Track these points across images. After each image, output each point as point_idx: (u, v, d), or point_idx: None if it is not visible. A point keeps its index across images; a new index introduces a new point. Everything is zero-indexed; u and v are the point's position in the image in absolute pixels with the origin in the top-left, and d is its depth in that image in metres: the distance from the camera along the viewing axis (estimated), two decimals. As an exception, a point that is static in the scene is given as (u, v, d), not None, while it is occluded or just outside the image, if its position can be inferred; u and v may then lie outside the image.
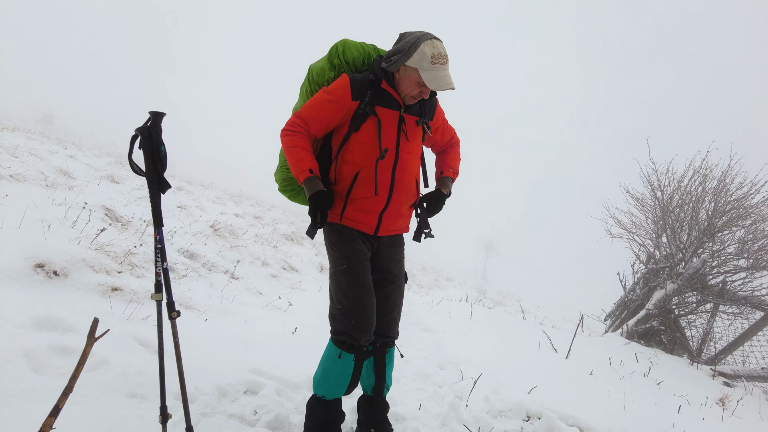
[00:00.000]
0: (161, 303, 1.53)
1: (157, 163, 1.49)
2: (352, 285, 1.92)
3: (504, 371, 3.58)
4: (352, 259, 1.96)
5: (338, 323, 1.92)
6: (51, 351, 2.02)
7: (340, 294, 1.94)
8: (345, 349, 1.92)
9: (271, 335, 3.59)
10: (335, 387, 1.94)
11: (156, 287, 1.51)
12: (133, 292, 3.11)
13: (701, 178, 7.58)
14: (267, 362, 2.80)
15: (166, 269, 1.49)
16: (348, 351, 1.92)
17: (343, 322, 1.90)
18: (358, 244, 1.99)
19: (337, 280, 1.96)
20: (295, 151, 1.91)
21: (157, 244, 1.45)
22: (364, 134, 1.95)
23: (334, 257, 2.00)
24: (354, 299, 1.90)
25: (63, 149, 8.51)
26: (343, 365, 1.92)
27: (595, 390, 3.49)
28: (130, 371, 2.03)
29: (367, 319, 1.92)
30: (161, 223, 1.50)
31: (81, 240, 3.47)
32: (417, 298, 7.67)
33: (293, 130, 1.95)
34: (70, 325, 2.33)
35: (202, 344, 2.83)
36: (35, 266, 2.81)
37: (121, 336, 2.41)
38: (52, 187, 4.89)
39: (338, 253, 1.99)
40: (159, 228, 1.47)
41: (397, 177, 2.00)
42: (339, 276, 1.95)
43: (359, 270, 1.95)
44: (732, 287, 7.11)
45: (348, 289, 1.92)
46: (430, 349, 4.23)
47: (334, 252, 2.01)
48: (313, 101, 1.96)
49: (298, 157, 1.90)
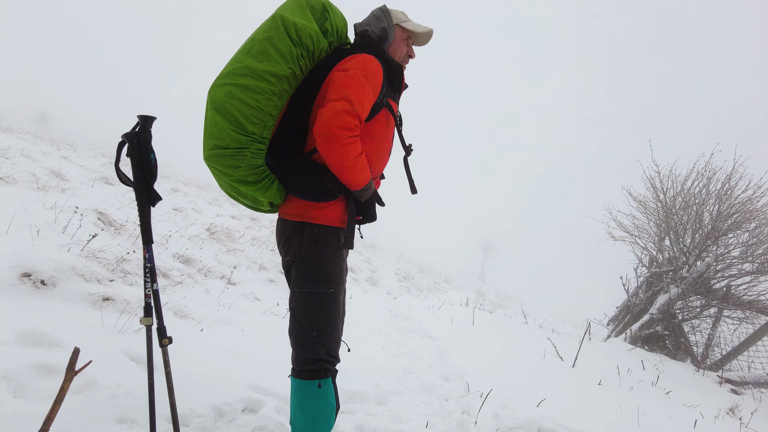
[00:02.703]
0: (151, 328, 1.39)
1: (146, 173, 1.35)
2: (335, 312, 1.71)
3: (511, 382, 3.47)
4: (340, 282, 1.74)
5: (309, 352, 1.68)
6: (34, 371, 1.88)
7: (321, 320, 1.68)
8: (322, 376, 1.69)
9: (270, 345, 3.46)
10: (326, 424, 1.71)
11: (145, 310, 1.37)
12: (126, 301, 2.97)
13: (705, 180, 7.48)
14: (266, 376, 2.68)
15: (156, 291, 1.35)
16: (325, 377, 1.70)
17: (317, 350, 1.68)
18: (345, 262, 1.79)
19: (319, 305, 1.68)
20: (362, 161, 1.62)
21: (147, 263, 1.31)
22: (376, 126, 1.76)
23: (320, 276, 1.68)
24: (334, 327, 1.71)
25: (56, 150, 8.35)
26: (325, 395, 1.69)
27: (605, 402, 3.37)
28: (120, 393, 1.90)
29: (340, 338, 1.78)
30: (151, 239, 1.36)
31: (71, 246, 3.33)
32: (417, 303, 7.55)
33: (356, 135, 1.58)
34: (57, 340, 2.19)
35: (198, 357, 2.70)
36: (21, 275, 2.67)
37: (111, 351, 2.28)
38: (43, 190, 4.74)
39: (329, 273, 1.70)
40: (148, 245, 1.33)
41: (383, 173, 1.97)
42: (321, 300, 1.68)
43: (342, 296, 1.77)
44: (737, 291, 7.01)
45: (332, 316, 1.70)
46: (434, 357, 4.11)
47: (324, 269, 1.69)
48: (360, 89, 1.59)
49: (365, 166, 1.65)
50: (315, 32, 1.62)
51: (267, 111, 1.55)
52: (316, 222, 1.69)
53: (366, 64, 1.64)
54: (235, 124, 1.53)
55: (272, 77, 1.54)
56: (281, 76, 1.56)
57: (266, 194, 1.69)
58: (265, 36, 1.57)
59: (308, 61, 1.65)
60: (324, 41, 1.67)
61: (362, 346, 3.97)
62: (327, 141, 1.53)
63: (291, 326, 1.74)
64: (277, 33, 1.57)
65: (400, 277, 11.50)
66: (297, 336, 1.70)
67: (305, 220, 1.70)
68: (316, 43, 1.64)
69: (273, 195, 1.71)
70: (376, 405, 2.75)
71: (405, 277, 11.79)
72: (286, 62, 1.57)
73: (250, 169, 1.60)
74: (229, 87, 1.54)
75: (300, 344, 1.69)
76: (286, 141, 1.68)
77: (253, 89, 1.52)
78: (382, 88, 1.71)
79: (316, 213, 1.69)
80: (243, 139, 1.55)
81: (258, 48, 1.57)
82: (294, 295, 1.73)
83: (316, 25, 1.63)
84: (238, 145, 1.55)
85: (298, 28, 1.58)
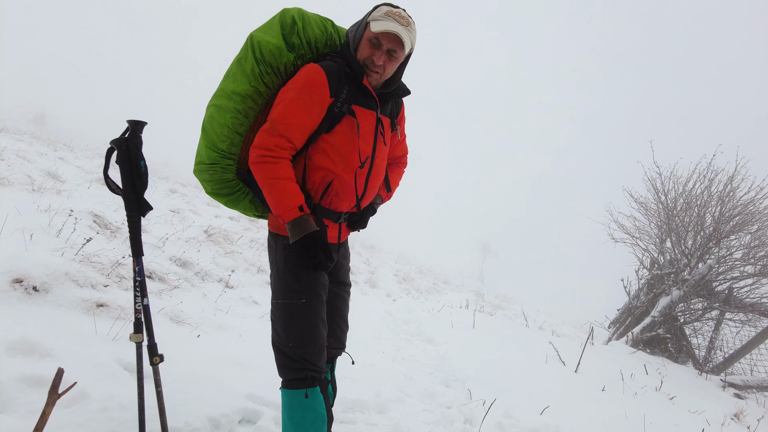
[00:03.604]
0: (141, 345, 1.32)
1: (136, 181, 1.28)
2: (310, 322, 1.65)
3: (513, 389, 3.40)
4: (313, 291, 1.67)
5: (291, 361, 1.64)
6: (23, 383, 1.82)
7: (295, 331, 1.63)
8: (308, 385, 1.63)
9: (268, 351, 3.35)
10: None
11: (135, 326, 1.31)
12: (120, 307, 2.90)
13: (707, 182, 7.44)
14: (264, 384, 2.61)
15: (146, 306, 1.29)
16: (312, 385, 1.64)
17: (297, 360, 1.63)
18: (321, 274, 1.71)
19: (292, 317, 1.64)
20: (279, 185, 1.53)
21: (137, 277, 1.25)
22: (338, 137, 1.66)
23: (290, 286, 1.65)
24: (311, 337, 1.64)
25: (53, 151, 8.28)
26: (313, 405, 1.63)
27: (610, 409, 3.32)
28: (112, 406, 1.83)
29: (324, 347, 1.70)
30: (141, 251, 1.29)
31: (65, 251, 3.26)
32: (417, 305, 7.49)
33: (276, 157, 1.54)
34: (48, 349, 2.12)
35: (194, 366, 2.63)
36: (13, 281, 2.60)
37: (104, 361, 2.21)
38: (38, 192, 4.67)
39: (297, 283, 1.65)
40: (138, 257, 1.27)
41: (369, 186, 1.79)
42: (294, 311, 1.64)
43: (318, 306, 1.68)
44: (739, 294, 6.97)
45: (307, 327, 1.64)
46: (434, 363, 4.05)
47: (291, 280, 1.66)
48: (287, 107, 1.56)
49: (284, 192, 1.53)
50: (276, 47, 1.63)
51: (233, 129, 1.63)
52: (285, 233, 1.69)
53: (301, 76, 1.62)
54: (210, 142, 1.67)
55: (236, 96, 1.62)
56: (244, 94, 1.62)
57: (239, 206, 1.80)
58: (237, 57, 1.66)
59: (275, 77, 1.67)
60: (289, 55, 1.65)
61: (362, 351, 3.91)
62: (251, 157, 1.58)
63: (272, 337, 1.73)
64: (245, 53, 1.64)
65: (400, 279, 11.44)
66: (278, 347, 1.69)
67: (276, 231, 1.74)
68: (279, 58, 1.64)
69: (246, 207, 1.80)
70: (377, 414, 2.69)
71: (404, 278, 11.74)
72: (249, 81, 1.62)
73: (222, 183, 1.74)
74: (210, 108, 1.67)
75: (281, 354, 1.67)
76: None
77: (223, 108, 1.62)
78: (338, 94, 1.63)
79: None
80: (214, 155, 1.68)
81: (231, 69, 1.67)
82: (272, 306, 1.74)
83: (280, 40, 1.63)
84: (211, 161, 1.69)
85: (262, 46, 1.62)
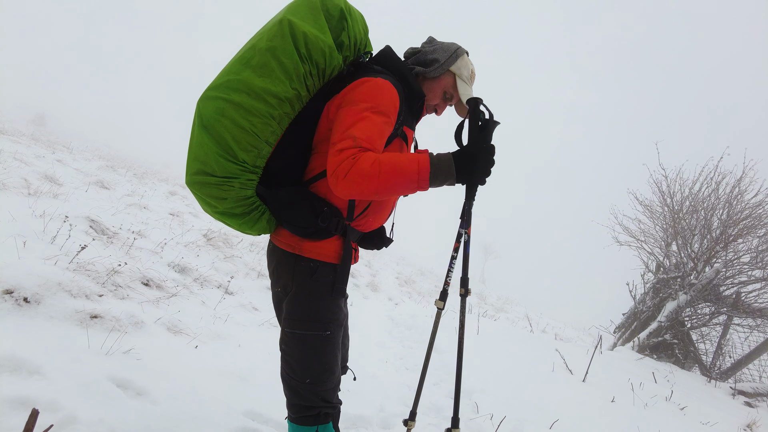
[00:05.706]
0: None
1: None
2: (332, 356, 1.48)
3: (521, 401, 3.30)
4: (338, 323, 1.50)
5: (303, 399, 1.48)
6: (7, 405, 1.72)
7: (316, 366, 1.46)
8: (321, 421, 1.49)
9: (267, 362, 3.29)
10: None
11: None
12: (115, 319, 2.80)
13: (713, 185, 7.32)
14: (263, 400, 2.51)
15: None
16: (324, 422, 1.50)
17: (311, 398, 1.48)
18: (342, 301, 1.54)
19: (314, 350, 1.45)
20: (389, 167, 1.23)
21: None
22: None
23: (314, 316, 1.45)
24: (330, 373, 1.49)
25: (51, 153, 8.18)
26: None
27: (621, 422, 3.21)
28: (101, 430, 1.73)
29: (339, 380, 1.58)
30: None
31: (59, 259, 3.16)
32: (420, 309, 7.38)
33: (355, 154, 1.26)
34: (37, 366, 2.03)
35: (191, 381, 2.53)
36: (3, 293, 2.50)
37: (96, 378, 2.11)
38: (34, 196, 4.58)
39: (323, 313, 1.46)
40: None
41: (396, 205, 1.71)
42: (315, 344, 1.45)
43: (340, 338, 1.52)
44: (747, 298, 6.85)
45: (328, 362, 1.48)
46: (439, 372, 3.94)
47: (319, 309, 1.45)
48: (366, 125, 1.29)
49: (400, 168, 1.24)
50: (329, 47, 1.33)
51: (263, 137, 1.30)
52: (310, 256, 1.46)
53: (377, 93, 1.33)
54: (224, 149, 1.28)
55: (272, 98, 1.27)
56: (283, 98, 1.29)
57: (254, 227, 1.48)
58: (269, 45, 1.28)
59: (317, 80, 1.37)
60: (338, 57, 1.37)
61: (364, 361, 3.80)
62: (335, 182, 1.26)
63: (282, 371, 1.52)
64: (283, 43, 1.27)
65: (401, 282, 11.33)
66: (289, 382, 1.50)
67: (297, 252, 1.47)
68: (329, 60, 1.34)
69: (262, 227, 1.49)
70: (381, 430, 2.59)
71: (406, 281, 11.63)
72: (290, 81, 1.29)
73: (238, 201, 1.37)
74: (220, 102, 1.27)
75: (293, 391, 1.49)
76: (283, 167, 1.41)
77: (248, 110, 1.26)
78: (399, 115, 1.42)
79: (310, 246, 1.46)
80: (233, 167, 1.30)
81: (259, 59, 1.28)
82: (285, 336, 1.50)
83: (330, 38, 1.34)
84: (225, 174, 1.30)
85: (309, 41, 1.29)
